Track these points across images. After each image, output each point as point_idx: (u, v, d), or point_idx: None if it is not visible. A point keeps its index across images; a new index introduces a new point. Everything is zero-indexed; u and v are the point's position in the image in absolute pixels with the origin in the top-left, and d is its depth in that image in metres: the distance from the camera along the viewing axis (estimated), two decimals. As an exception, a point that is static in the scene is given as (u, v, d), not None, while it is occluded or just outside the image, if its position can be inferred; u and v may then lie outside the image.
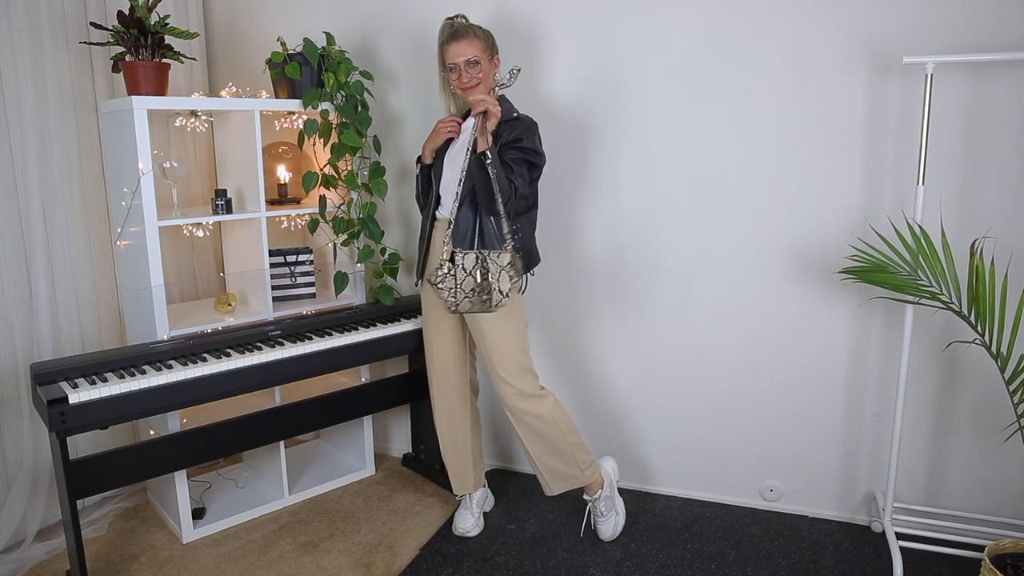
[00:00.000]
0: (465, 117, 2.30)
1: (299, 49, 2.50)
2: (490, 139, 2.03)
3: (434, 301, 2.39)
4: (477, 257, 2.01)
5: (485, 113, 2.02)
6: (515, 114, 2.21)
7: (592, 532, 2.46)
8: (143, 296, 2.32)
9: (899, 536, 2.23)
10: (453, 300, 2.02)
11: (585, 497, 2.42)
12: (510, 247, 2.04)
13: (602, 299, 2.68)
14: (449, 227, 2.11)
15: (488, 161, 2.00)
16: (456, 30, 2.18)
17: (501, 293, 2.01)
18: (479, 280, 2.00)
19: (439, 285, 2.01)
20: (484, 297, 2.01)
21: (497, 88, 2.16)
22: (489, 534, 2.49)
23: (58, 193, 2.46)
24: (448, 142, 2.29)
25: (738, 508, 2.63)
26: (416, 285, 2.45)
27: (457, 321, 2.40)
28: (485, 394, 2.85)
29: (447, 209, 2.24)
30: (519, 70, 2.10)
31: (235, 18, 3.06)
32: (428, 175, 2.32)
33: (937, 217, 2.16)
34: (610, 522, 2.42)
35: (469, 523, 2.47)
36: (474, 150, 2.06)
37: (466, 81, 2.17)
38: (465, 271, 2.00)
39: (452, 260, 2.01)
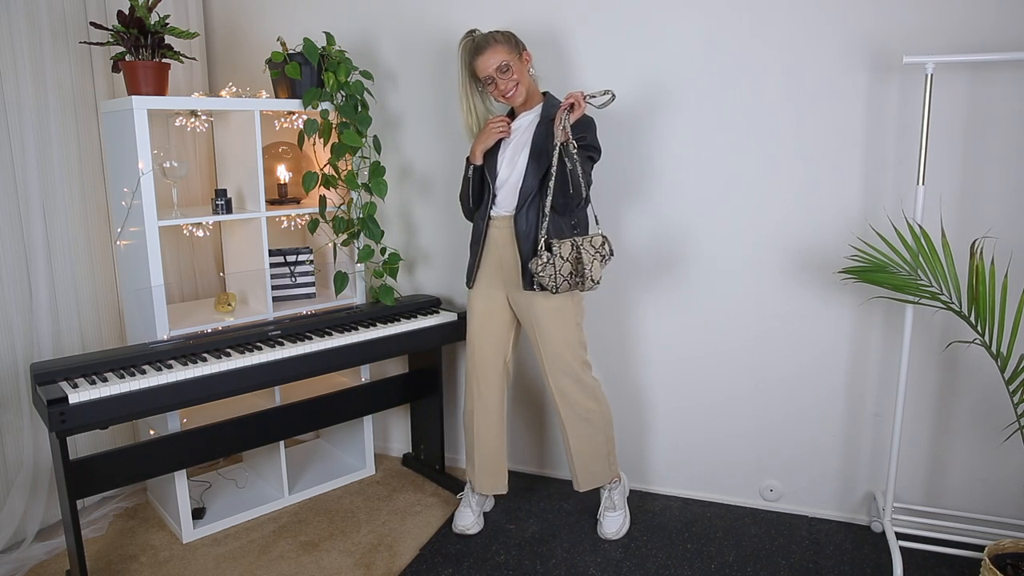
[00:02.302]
0: (512, 116, 2.30)
1: (299, 49, 2.50)
2: (569, 133, 2.08)
3: (484, 303, 2.38)
4: (572, 244, 2.15)
5: (572, 106, 2.08)
6: None
7: (591, 531, 2.46)
8: (143, 296, 2.32)
9: (899, 536, 2.23)
10: (554, 284, 2.14)
11: (608, 484, 2.46)
12: (599, 231, 2.17)
13: (601, 300, 2.68)
14: (511, 224, 2.22)
15: (569, 154, 2.08)
16: (477, 43, 2.19)
17: (593, 281, 2.17)
18: (574, 266, 2.15)
19: (540, 273, 2.12)
20: (577, 280, 2.17)
21: (588, 99, 2.14)
22: (489, 534, 2.49)
23: (58, 193, 2.46)
24: (499, 142, 2.28)
25: (738, 508, 2.63)
26: (469, 286, 2.40)
27: (507, 323, 2.39)
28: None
29: (504, 207, 2.26)
30: (612, 97, 2.13)
31: (235, 18, 3.06)
32: (480, 175, 2.30)
33: (937, 217, 2.16)
34: (618, 519, 2.44)
35: (469, 520, 2.47)
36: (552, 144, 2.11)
37: (504, 88, 2.18)
38: (563, 259, 2.13)
39: (549, 249, 2.13)
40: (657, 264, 2.59)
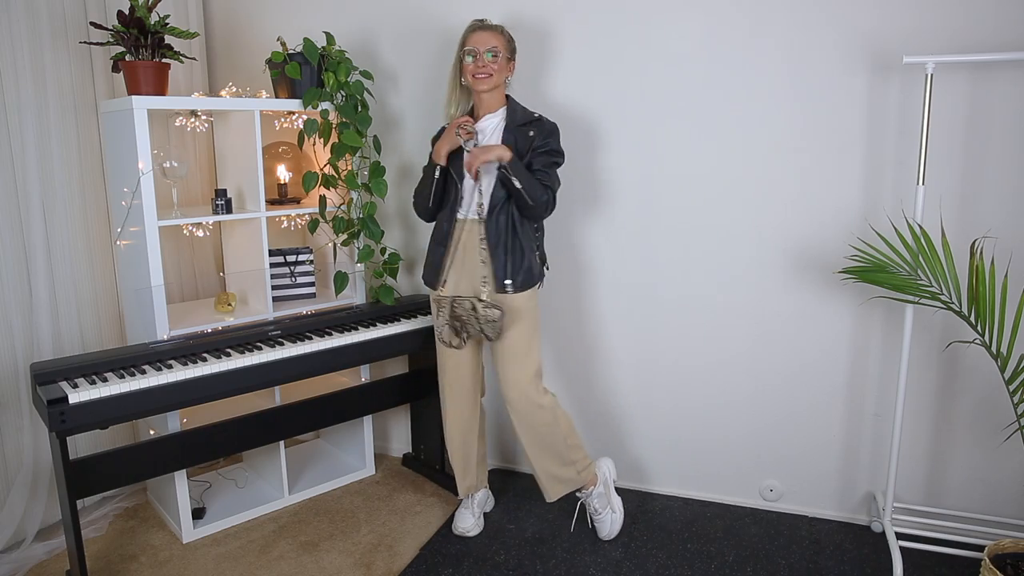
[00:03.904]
0: (474, 116, 2.29)
1: (299, 49, 2.50)
2: (495, 155, 2.13)
3: None
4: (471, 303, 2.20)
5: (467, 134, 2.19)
6: (536, 115, 2.23)
7: (591, 531, 2.46)
8: (143, 296, 2.32)
9: (899, 536, 2.23)
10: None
11: (578, 494, 2.44)
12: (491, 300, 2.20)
13: (602, 299, 2.68)
14: (482, 229, 2.20)
15: (509, 173, 2.12)
16: (483, 23, 2.24)
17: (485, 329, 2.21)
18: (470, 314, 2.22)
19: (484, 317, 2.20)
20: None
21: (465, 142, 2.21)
22: (489, 534, 2.49)
23: (58, 193, 2.46)
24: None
25: (738, 508, 2.63)
26: (434, 287, 2.34)
27: None
28: (489, 395, 2.85)
29: (468, 210, 2.25)
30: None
31: (235, 18, 3.06)
32: (444, 176, 2.28)
33: (937, 217, 2.16)
34: (606, 520, 2.42)
35: (469, 522, 2.47)
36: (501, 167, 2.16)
37: (480, 66, 2.19)
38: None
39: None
40: (658, 264, 2.59)
